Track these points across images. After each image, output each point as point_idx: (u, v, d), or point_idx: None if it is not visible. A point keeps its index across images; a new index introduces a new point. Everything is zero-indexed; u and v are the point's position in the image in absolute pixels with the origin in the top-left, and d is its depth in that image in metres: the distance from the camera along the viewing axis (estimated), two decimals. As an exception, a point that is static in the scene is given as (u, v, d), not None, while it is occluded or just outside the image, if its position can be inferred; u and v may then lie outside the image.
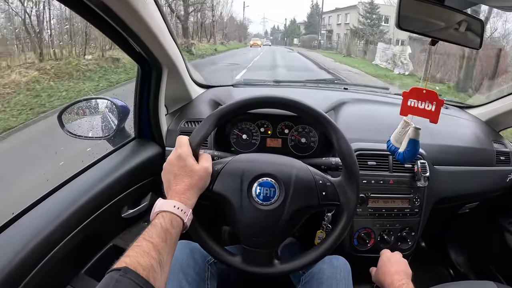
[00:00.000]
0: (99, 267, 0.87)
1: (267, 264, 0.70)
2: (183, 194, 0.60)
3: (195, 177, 0.62)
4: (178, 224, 0.57)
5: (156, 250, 0.50)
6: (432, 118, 0.71)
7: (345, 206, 0.70)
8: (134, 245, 0.50)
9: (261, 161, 0.72)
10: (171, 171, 0.63)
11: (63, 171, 0.96)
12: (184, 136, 0.67)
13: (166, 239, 0.53)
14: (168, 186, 0.63)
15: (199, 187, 0.63)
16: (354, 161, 0.70)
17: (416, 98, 0.72)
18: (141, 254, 0.48)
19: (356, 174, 0.70)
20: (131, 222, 0.99)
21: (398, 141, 0.78)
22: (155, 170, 1.02)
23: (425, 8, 0.70)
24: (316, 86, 1.48)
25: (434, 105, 0.72)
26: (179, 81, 1.09)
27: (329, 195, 0.69)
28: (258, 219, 0.68)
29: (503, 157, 1.22)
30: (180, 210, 0.58)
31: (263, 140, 1.12)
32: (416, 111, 0.72)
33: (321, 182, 0.69)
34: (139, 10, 0.71)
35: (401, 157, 0.77)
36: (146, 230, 0.53)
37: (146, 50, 0.86)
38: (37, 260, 0.65)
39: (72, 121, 1.03)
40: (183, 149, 0.64)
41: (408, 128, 0.75)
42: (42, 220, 0.70)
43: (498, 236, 1.30)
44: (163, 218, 0.56)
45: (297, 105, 0.71)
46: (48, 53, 4.59)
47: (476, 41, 0.78)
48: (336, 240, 0.70)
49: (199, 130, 0.68)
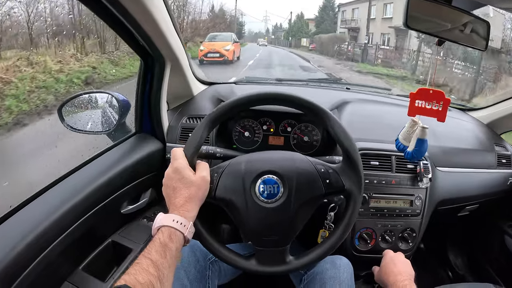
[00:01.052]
0: (97, 263, 0.86)
1: (283, 262, 0.69)
2: (182, 207, 0.60)
3: (193, 188, 0.62)
4: (178, 239, 0.57)
5: (155, 267, 0.51)
6: (440, 117, 0.72)
7: (351, 190, 0.69)
8: (135, 263, 0.51)
9: (261, 159, 0.71)
10: (170, 185, 0.63)
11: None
12: (179, 148, 0.67)
13: (166, 255, 0.54)
14: (168, 200, 0.63)
15: (198, 198, 0.63)
16: (353, 144, 0.69)
17: (423, 99, 0.72)
18: (140, 271, 0.49)
19: (356, 157, 0.69)
20: (130, 218, 0.98)
21: (407, 140, 0.78)
22: (156, 165, 1.02)
23: (433, 8, 0.70)
24: (318, 85, 1.48)
25: (441, 104, 0.72)
26: (182, 77, 1.08)
27: (333, 182, 0.69)
28: (266, 217, 0.67)
29: (504, 160, 1.22)
30: (179, 224, 0.58)
31: (265, 138, 1.11)
32: (424, 111, 0.72)
33: (323, 170, 0.69)
34: (145, 1, 0.71)
35: (410, 156, 0.78)
36: (147, 247, 0.54)
37: (150, 43, 0.85)
38: (34, 255, 0.64)
39: (73, 115, 1.02)
40: (179, 162, 0.64)
41: (416, 127, 0.75)
42: (40, 215, 0.69)
43: (497, 239, 1.30)
44: (162, 233, 0.56)
45: (292, 99, 0.72)
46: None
47: (481, 43, 0.78)
48: (346, 227, 0.69)
49: (192, 140, 0.68)
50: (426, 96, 0.72)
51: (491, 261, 1.36)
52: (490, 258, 1.36)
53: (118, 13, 0.71)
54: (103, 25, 4.86)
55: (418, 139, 0.75)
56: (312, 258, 0.69)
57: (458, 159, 1.13)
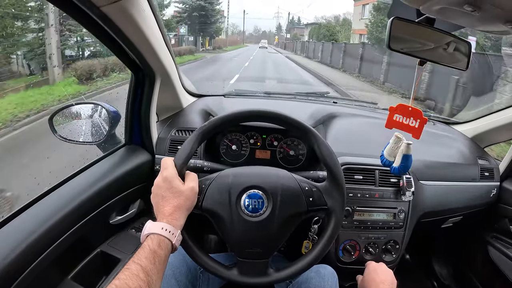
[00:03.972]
0: (86, 273, 0.87)
1: (263, 273, 0.71)
2: (171, 216, 0.62)
3: (181, 197, 0.64)
4: (167, 246, 0.59)
5: (145, 272, 0.52)
6: (415, 134, 0.74)
7: (333, 208, 0.72)
8: (124, 268, 0.52)
9: (247, 173, 0.73)
10: (159, 194, 0.65)
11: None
12: (169, 158, 0.69)
13: (155, 261, 0.55)
14: (157, 209, 0.64)
15: (186, 207, 0.65)
16: (337, 163, 0.72)
17: (401, 114, 0.75)
18: (130, 277, 0.50)
19: (340, 177, 0.72)
20: (119, 229, 0.99)
21: (392, 155, 0.81)
22: (144, 177, 1.03)
23: (416, 30, 0.72)
24: (306, 99, 1.50)
25: (418, 122, 0.75)
26: (171, 90, 1.10)
27: (316, 200, 0.71)
28: (249, 231, 0.69)
29: (487, 173, 1.25)
30: (168, 232, 0.59)
31: (252, 152, 1.13)
32: (401, 126, 0.75)
33: (307, 188, 0.71)
34: (136, 19, 0.73)
35: (397, 171, 0.80)
36: (136, 253, 0.56)
37: (140, 58, 0.87)
38: (24, 265, 0.65)
39: (63, 125, 1.03)
40: (169, 171, 0.66)
41: (400, 143, 0.77)
42: (30, 225, 0.70)
43: (481, 250, 1.33)
44: (151, 240, 0.57)
45: (279, 117, 0.74)
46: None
47: (463, 62, 0.81)
48: (327, 243, 0.72)
49: (183, 151, 0.70)
50: (404, 112, 0.75)
51: (476, 271, 1.38)
52: (475, 268, 1.39)
53: (110, 30, 0.73)
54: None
55: (404, 155, 0.77)
56: (293, 271, 0.71)
57: (441, 172, 1.16)
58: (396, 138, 0.78)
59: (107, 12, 0.66)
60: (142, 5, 0.72)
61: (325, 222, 0.75)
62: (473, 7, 0.55)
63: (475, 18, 0.61)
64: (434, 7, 0.62)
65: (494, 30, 0.72)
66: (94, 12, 0.65)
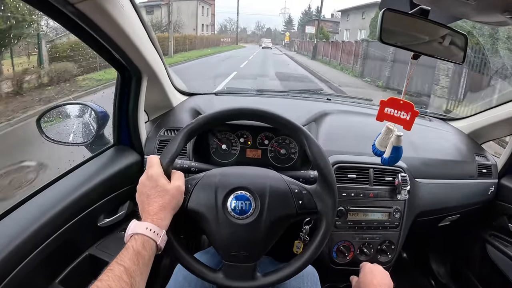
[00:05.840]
0: (74, 276, 0.85)
1: (250, 278, 0.69)
2: (156, 215, 0.60)
3: (167, 196, 0.62)
4: (151, 247, 0.57)
5: (128, 274, 0.51)
6: (406, 125, 0.72)
7: (323, 212, 0.70)
8: (107, 269, 0.51)
9: (235, 174, 0.71)
10: (144, 192, 0.63)
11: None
12: (155, 156, 0.67)
13: (138, 262, 0.53)
14: (142, 208, 0.63)
15: (172, 207, 0.63)
16: (329, 166, 0.70)
17: (392, 107, 0.73)
18: (113, 279, 0.49)
19: (331, 180, 0.70)
20: (107, 231, 0.97)
21: (382, 145, 0.80)
22: (133, 178, 1.01)
23: (409, 22, 0.70)
24: (299, 96, 1.48)
25: (409, 115, 0.73)
26: (160, 89, 1.07)
27: (306, 203, 0.69)
28: (236, 233, 0.67)
29: (485, 170, 1.23)
30: (152, 232, 0.57)
31: (242, 151, 1.11)
32: (392, 118, 0.74)
33: (296, 190, 0.69)
34: (115, 16, 0.70)
35: (386, 162, 0.79)
36: (119, 254, 0.54)
37: (124, 57, 0.85)
38: (9, 269, 0.64)
39: (51, 126, 1.01)
40: (154, 169, 0.64)
41: (391, 134, 0.76)
42: (15, 229, 0.68)
43: (479, 248, 1.31)
44: (135, 240, 0.56)
45: (264, 114, 0.72)
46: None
47: (459, 56, 0.78)
48: (317, 248, 0.70)
49: (169, 149, 0.68)
50: (396, 105, 0.73)
51: (473, 269, 1.37)
52: (472, 266, 1.37)
53: (89, 28, 0.70)
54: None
55: (394, 146, 0.76)
56: (280, 276, 0.69)
57: (437, 170, 1.14)
58: (387, 129, 0.77)
59: (83, 9, 0.63)
60: (120, 2, 0.70)
61: (317, 223, 0.73)
62: (468, -6, 0.53)
63: (471, 8, 0.59)
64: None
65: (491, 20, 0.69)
66: (69, 10, 0.62)
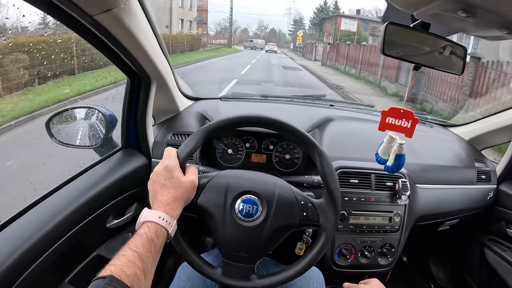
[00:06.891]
0: (83, 276, 0.87)
1: (246, 278, 0.71)
2: (169, 205, 0.61)
3: (181, 189, 0.64)
4: (163, 235, 0.59)
5: (141, 259, 0.52)
6: (407, 133, 0.75)
7: (324, 227, 0.72)
8: (120, 254, 0.51)
9: (246, 178, 0.73)
10: (158, 182, 0.64)
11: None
12: (173, 148, 0.69)
13: (151, 249, 0.55)
14: (154, 196, 0.64)
15: (184, 199, 0.65)
16: (336, 184, 0.72)
17: (393, 117, 0.76)
18: (126, 263, 0.50)
19: (337, 197, 0.72)
20: (115, 232, 0.99)
21: (386, 154, 0.82)
22: (141, 181, 1.03)
23: (410, 35, 0.72)
24: (302, 102, 1.50)
25: (410, 123, 0.76)
26: (168, 94, 1.10)
27: (310, 216, 0.71)
28: (239, 235, 0.69)
29: (484, 175, 1.25)
30: (165, 221, 0.59)
31: (248, 155, 1.13)
32: (393, 127, 0.76)
33: (302, 202, 0.72)
34: (130, 26, 0.72)
35: (390, 170, 0.81)
36: (132, 240, 0.55)
37: (135, 64, 0.87)
38: (22, 269, 0.66)
39: (60, 129, 1.03)
40: (171, 161, 0.66)
41: (394, 143, 0.78)
42: (28, 230, 0.70)
43: (478, 252, 1.33)
44: (148, 228, 0.57)
45: (285, 127, 0.75)
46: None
47: (459, 66, 0.81)
48: (314, 258, 0.72)
49: (188, 144, 0.70)
50: (396, 114, 0.76)
51: (472, 273, 1.38)
52: (471, 270, 1.39)
53: (104, 37, 0.73)
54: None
55: (397, 154, 0.78)
56: (274, 281, 0.71)
57: (437, 176, 1.16)
58: (390, 138, 0.79)
59: (100, 20, 0.65)
60: (136, 12, 0.72)
61: (317, 234, 0.76)
62: (467, 13, 0.55)
63: (470, 24, 0.61)
64: (429, 12, 0.62)
65: (489, 35, 0.72)
66: (87, 21, 0.65)
